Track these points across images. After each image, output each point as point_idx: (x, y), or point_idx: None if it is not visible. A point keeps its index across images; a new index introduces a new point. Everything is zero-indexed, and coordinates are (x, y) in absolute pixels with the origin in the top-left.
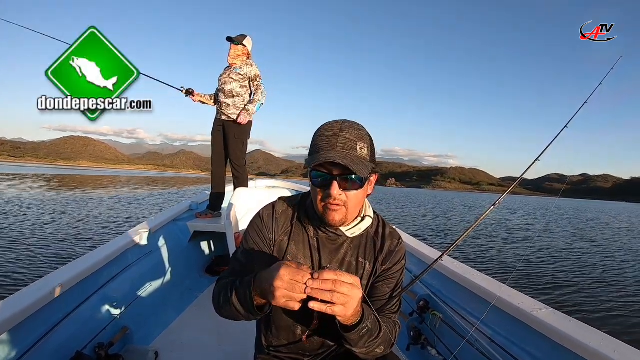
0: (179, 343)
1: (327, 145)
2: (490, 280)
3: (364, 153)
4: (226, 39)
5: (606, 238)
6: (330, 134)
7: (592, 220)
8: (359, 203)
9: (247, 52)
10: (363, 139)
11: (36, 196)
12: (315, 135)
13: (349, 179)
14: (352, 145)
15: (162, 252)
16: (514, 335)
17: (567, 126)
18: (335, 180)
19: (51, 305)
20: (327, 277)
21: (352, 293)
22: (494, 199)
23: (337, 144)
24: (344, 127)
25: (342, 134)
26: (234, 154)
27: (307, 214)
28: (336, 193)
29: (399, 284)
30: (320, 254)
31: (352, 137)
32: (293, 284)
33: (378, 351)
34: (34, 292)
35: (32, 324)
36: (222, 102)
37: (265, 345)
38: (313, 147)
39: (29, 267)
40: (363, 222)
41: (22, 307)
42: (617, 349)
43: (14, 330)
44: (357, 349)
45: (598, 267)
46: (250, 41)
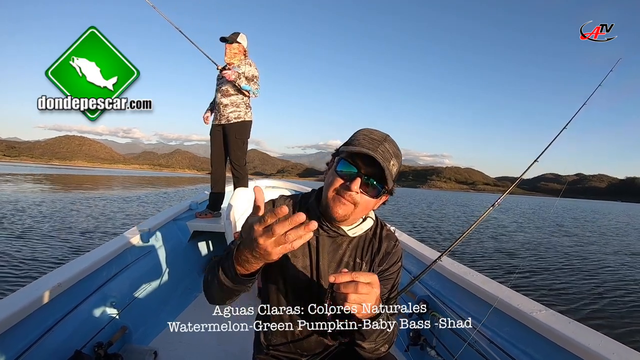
0: (178, 343)
1: (369, 145)
2: (489, 282)
3: (394, 170)
4: (220, 40)
5: (606, 239)
6: (375, 137)
7: (589, 220)
8: (366, 210)
9: (243, 50)
10: (398, 158)
11: (34, 196)
12: (359, 133)
13: (371, 184)
14: (389, 158)
15: (162, 251)
16: (514, 337)
17: (566, 127)
18: (360, 178)
19: (50, 305)
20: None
21: (372, 291)
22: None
23: (378, 148)
24: (388, 140)
25: (385, 144)
26: (234, 154)
27: (308, 212)
28: (355, 189)
29: (395, 285)
30: (319, 254)
31: (391, 151)
32: (264, 223)
33: (382, 350)
34: (33, 292)
35: (31, 323)
36: (220, 103)
37: (264, 345)
38: (353, 141)
39: (28, 267)
40: (365, 223)
41: (21, 307)
42: (617, 351)
43: (13, 329)
44: (366, 343)
45: (598, 268)
46: (244, 38)
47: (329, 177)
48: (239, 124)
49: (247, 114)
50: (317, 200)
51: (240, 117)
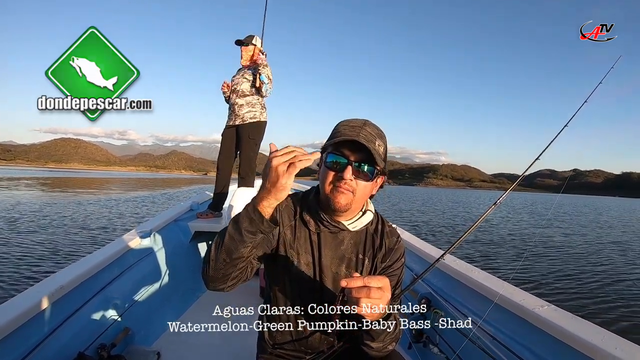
0: (180, 343)
1: (351, 132)
2: (491, 278)
3: (381, 149)
4: (235, 43)
5: (610, 234)
6: (355, 124)
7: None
8: (364, 196)
9: (258, 51)
10: (382, 138)
11: (32, 199)
12: (338, 125)
13: (362, 169)
14: (373, 140)
15: (163, 252)
16: (516, 333)
17: (567, 125)
18: (350, 166)
19: (53, 307)
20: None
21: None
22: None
23: (360, 134)
24: (367, 123)
25: (366, 127)
26: (246, 155)
27: (309, 210)
28: (348, 177)
29: (399, 282)
30: (321, 250)
31: (374, 133)
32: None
33: (390, 347)
34: (36, 294)
35: (34, 326)
36: (235, 104)
37: (269, 344)
38: (336, 134)
39: (30, 270)
40: (365, 217)
41: (24, 309)
42: (619, 345)
43: (16, 332)
44: (375, 343)
45: (600, 263)
46: (258, 39)
47: (322, 174)
48: (254, 124)
49: (263, 115)
50: (316, 198)
51: (256, 117)
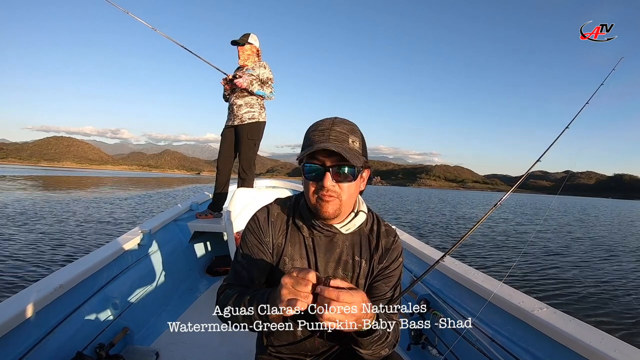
0: (179, 343)
1: (319, 138)
2: (490, 280)
3: (355, 146)
4: (231, 43)
5: (606, 236)
6: (323, 127)
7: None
8: (352, 196)
9: (255, 50)
10: (355, 132)
11: (28, 198)
12: (308, 131)
13: (342, 171)
14: (344, 138)
15: (163, 252)
16: (515, 335)
17: (568, 127)
18: (329, 172)
19: (51, 306)
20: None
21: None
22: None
23: (330, 136)
24: (336, 122)
25: (335, 127)
26: (245, 155)
27: (301, 215)
28: (329, 184)
29: (398, 282)
30: (315, 255)
31: (344, 131)
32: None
33: (383, 353)
34: (35, 293)
35: (33, 325)
36: (234, 104)
37: (266, 346)
38: (306, 142)
39: (29, 269)
40: (357, 218)
41: (22, 308)
42: (617, 347)
43: (14, 331)
44: (364, 350)
45: (599, 265)
46: (255, 38)
47: (304, 185)
48: (252, 124)
49: (262, 115)
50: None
51: (255, 117)
